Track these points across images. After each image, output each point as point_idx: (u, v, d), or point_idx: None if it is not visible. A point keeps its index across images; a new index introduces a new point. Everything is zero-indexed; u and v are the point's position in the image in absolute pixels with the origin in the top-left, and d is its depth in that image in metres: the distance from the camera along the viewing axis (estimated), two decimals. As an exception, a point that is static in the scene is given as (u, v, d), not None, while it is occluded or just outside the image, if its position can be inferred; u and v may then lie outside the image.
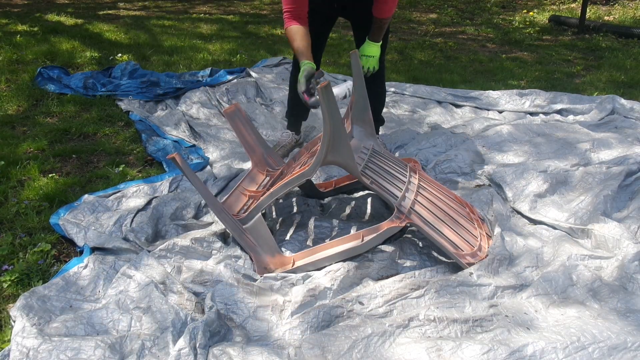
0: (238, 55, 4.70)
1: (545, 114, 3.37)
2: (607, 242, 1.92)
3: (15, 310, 1.61)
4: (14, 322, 1.58)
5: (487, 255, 1.87)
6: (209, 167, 2.69)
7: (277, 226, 2.20)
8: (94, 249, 1.96)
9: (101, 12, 6.59)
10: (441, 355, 1.45)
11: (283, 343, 1.55)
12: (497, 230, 2.02)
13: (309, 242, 2.06)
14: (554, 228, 2.09)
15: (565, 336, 1.46)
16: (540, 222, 2.13)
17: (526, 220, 2.19)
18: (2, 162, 2.58)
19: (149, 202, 2.27)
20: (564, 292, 1.71)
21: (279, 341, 1.56)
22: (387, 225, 1.83)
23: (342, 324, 1.59)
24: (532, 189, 2.33)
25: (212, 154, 2.82)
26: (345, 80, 2.17)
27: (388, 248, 1.95)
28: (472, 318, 1.58)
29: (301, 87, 2.05)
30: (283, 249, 2.00)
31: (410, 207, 1.87)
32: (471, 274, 1.76)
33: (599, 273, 1.75)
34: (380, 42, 2.43)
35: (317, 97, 2.00)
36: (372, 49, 2.41)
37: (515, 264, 1.87)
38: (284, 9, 2.23)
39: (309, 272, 1.83)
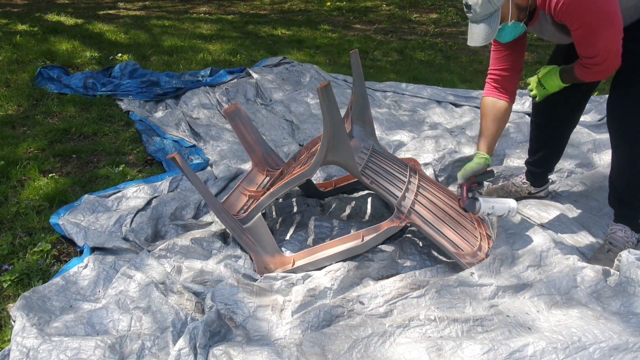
0: (238, 55, 4.70)
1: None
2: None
3: (15, 310, 1.61)
4: (14, 322, 1.58)
5: (487, 255, 1.86)
6: (209, 167, 2.69)
7: (277, 226, 2.20)
8: (94, 249, 1.96)
9: (101, 12, 6.59)
10: (441, 354, 1.45)
11: (283, 342, 1.55)
12: (499, 230, 2.02)
13: (309, 242, 2.06)
14: (556, 229, 2.09)
15: (566, 336, 1.46)
16: (542, 223, 2.13)
17: (528, 221, 2.19)
18: (2, 162, 2.57)
19: (148, 202, 2.27)
20: (567, 294, 1.70)
21: (279, 341, 1.56)
22: (387, 225, 1.83)
23: (343, 324, 1.59)
24: (532, 189, 2.32)
25: (212, 154, 2.82)
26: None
27: (388, 248, 1.94)
28: (472, 318, 1.58)
29: (459, 180, 1.85)
30: (283, 249, 1.99)
31: (411, 207, 1.86)
32: (472, 273, 1.76)
33: (602, 276, 1.75)
34: (565, 84, 1.75)
35: (477, 203, 1.83)
36: (552, 81, 1.75)
37: (517, 264, 1.87)
38: (489, 70, 1.80)
39: (309, 272, 1.83)
